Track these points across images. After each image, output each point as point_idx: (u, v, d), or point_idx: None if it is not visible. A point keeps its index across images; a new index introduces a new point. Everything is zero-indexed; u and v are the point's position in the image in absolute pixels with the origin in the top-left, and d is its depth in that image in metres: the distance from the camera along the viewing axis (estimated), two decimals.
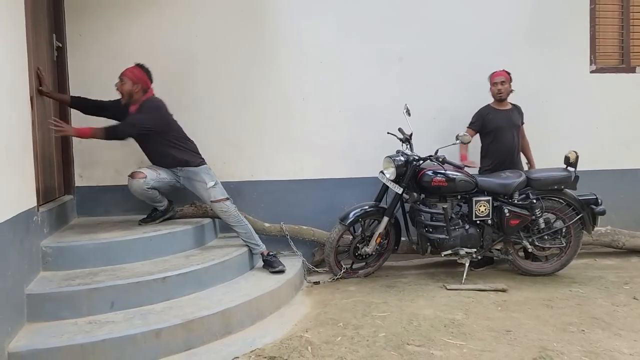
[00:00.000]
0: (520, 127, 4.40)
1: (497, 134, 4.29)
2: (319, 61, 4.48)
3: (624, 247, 4.64)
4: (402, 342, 2.87)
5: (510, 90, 4.29)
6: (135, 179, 3.62)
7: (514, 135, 4.32)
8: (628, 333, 2.97)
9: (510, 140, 4.30)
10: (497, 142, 4.30)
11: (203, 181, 3.75)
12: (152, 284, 3.04)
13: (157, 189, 3.72)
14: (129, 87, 3.65)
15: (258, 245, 3.82)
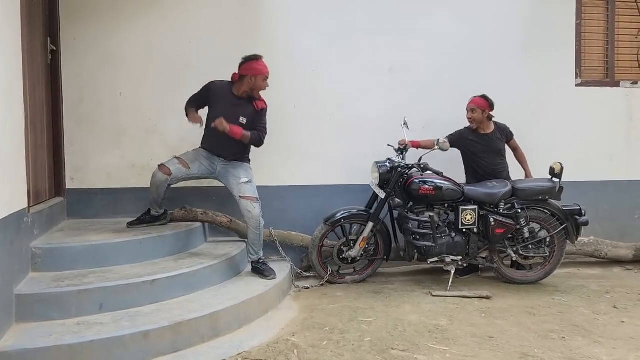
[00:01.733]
0: (501, 150, 4.39)
1: (475, 159, 4.34)
2: (311, 70, 4.55)
3: (607, 257, 4.73)
4: (387, 346, 2.93)
5: (483, 118, 4.25)
6: (160, 172, 3.75)
7: (493, 160, 4.32)
8: (607, 341, 3.04)
9: (487, 165, 4.31)
10: (475, 166, 4.35)
11: (238, 176, 3.78)
12: (141, 286, 3.07)
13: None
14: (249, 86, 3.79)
15: (257, 254, 3.81)
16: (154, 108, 4.33)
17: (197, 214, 4.12)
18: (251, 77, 3.72)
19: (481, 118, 4.24)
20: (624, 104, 5.05)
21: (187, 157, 3.85)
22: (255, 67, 3.73)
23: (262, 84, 3.78)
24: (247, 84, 3.74)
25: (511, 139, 4.42)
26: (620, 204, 5.06)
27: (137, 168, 4.31)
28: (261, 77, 3.75)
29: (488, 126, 4.33)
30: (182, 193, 4.21)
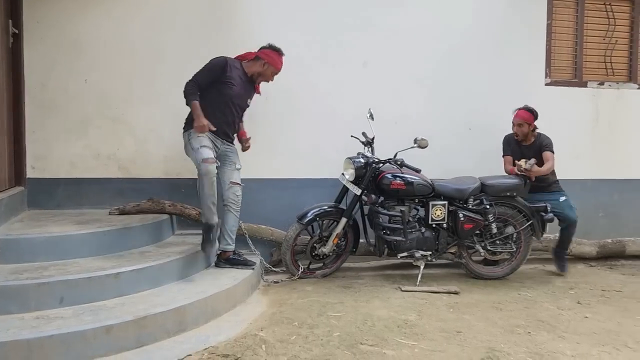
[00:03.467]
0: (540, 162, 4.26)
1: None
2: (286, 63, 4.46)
3: (571, 253, 4.83)
4: (356, 341, 2.91)
5: (527, 132, 4.32)
6: (212, 165, 3.48)
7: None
8: (571, 335, 3.10)
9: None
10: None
11: (234, 162, 3.82)
12: (104, 279, 2.98)
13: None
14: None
15: (234, 243, 3.86)
16: (121, 97, 4.20)
17: (164, 206, 4.02)
18: (266, 63, 3.74)
19: (527, 131, 4.32)
20: (591, 104, 5.16)
21: (205, 141, 3.57)
22: (274, 57, 3.76)
23: (270, 75, 3.80)
24: (259, 67, 3.74)
25: (543, 150, 4.30)
26: (585, 202, 5.14)
27: (103, 158, 4.19)
28: (272, 69, 3.77)
29: (530, 138, 4.40)
30: (149, 184, 4.12)
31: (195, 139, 3.54)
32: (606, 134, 5.20)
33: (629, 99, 5.21)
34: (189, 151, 3.60)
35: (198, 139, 3.54)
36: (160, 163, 4.21)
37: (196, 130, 3.48)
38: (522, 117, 4.29)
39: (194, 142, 3.54)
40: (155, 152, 4.25)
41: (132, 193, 4.14)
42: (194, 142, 3.54)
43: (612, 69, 5.24)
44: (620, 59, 5.27)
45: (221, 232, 3.83)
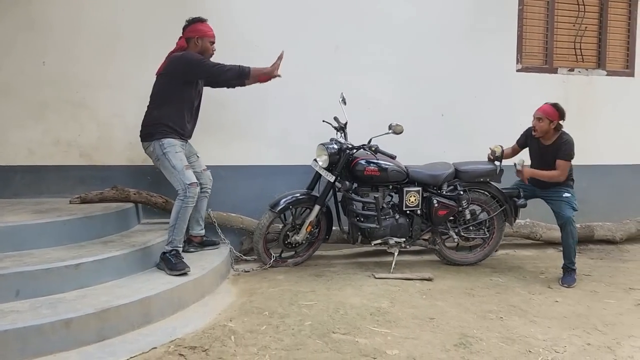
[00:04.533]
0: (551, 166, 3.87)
1: (532, 163, 4.04)
2: (255, 45, 4.35)
3: (541, 238, 4.88)
4: (328, 330, 2.85)
5: (549, 129, 3.81)
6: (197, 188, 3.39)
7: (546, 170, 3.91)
8: (542, 320, 3.11)
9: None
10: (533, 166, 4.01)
11: (195, 152, 3.77)
12: (63, 271, 2.84)
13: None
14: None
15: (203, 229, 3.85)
16: (81, 79, 4.01)
17: (129, 194, 3.87)
18: (197, 38, 3.48)
19: (547, 128, 3.81)
20: (561, 90, 5.18)
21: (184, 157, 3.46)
22: (200, 29, 3.50)
23: (209, 46, 3.54)
24: (194, 46, 3.49)
25: (558, 157, 3.82)
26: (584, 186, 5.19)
27: (63, 144, 3.99)
28: (207, 39, 3.52)
29: (551, 137, 3.88)
30: (113, 172, 3.95)
31: (174, 154, 3.37)
32: (575, 120, 5.19)
33: (598, 86, 5.25)
34: (166, 167, 3.40)
35: (177, 154, 3.38)
36: (124, 149, 4.04)
37: (275, 74, 3.53)
38: (543, 111, 3.81)
39: (172, 158, 3.36)
40: (119, 137, 4.08)
41: (94, 181, 3.97)
42: (173, 159, 3.36)
43: (582, 55, 5.27)
44: (589, 46, 5.30)
45: (193, 218, 3.76)
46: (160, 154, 3.38)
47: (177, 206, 3.34)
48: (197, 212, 3.79)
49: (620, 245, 5.06)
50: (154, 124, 3.40)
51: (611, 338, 2.87)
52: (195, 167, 3.66)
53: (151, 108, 3.47)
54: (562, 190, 3.89)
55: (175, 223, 3.33)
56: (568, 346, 2.75)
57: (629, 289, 3.73)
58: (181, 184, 3.34)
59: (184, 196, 3.33)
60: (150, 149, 3.43)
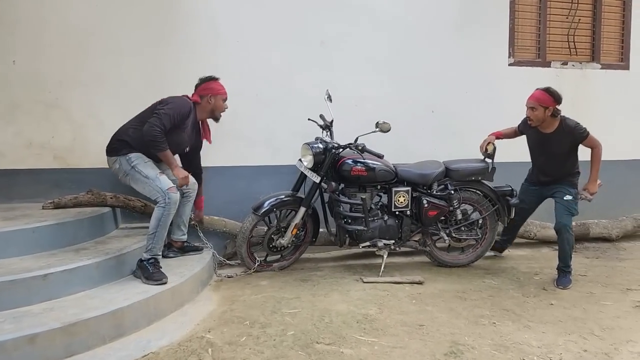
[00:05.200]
0: (562, 155, 3.66)
1: (532, 155, 3.87)
2: (235, 40, 4.19)
3: (535, 237, 4.75)
4: (312, 340, 2.70)
5: (545, 116, 3.56)
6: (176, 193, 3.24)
7: (551, 163, 3.71)
8: (537, 325, 2.97)
9: (542, 166, 3.79)
10: (533, 160, 3.90)
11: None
12: (30, 282, 2.67)
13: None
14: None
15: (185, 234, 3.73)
16: (54, 79, 3.84)
17: (105, 198, 3.70)
18: (210, 97, 3.49)
19: (542, 116, 3.55)
20: (554, 84, 4.93)
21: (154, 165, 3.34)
22: (213, 87, 3.51)
23: (221, 104, 3.55)
24: (207, 104, 3.48)
25: (581, 140, 3.61)
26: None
27: (36, 146, 3.82)
28: (220, 97, 3.52)
29: (551, 124, 3.61)
30: (89, 175, 3.78)
31: (143, 164, 3.25)
32: (570, 114, 5.01)
33: (592, 79, 5.12)
34: (138, 179, 3.25)
35: (146, 164, 3.26)
36: (100, 152, 3.79)
37: (180, 182, 3.33)
38: (535, 98, 3.55)
39: (143, 169, 3.23)
40: (95, 139, 3.89)
41: (70, 185, 3.80)
42: (144, 169, 3.23)
43: (576, 48, 5.14)
44: (583, 39, 5.17)
45: (175, 223, 3.63)
46: (129, 168, 3.24)
47: (157, 213, 3.18)
48: (179, 216, 3.65)
49: (617, 243, 4.95)
50: (124, 141, 3.27)
51: (609, 343, 2.73)
52: (171, 174, 3.49)
53: (130, 126, 3.33)
54: (565, 190, 3.68)
55: (156, 230, 3.17)
56: (564, 353, 2.62)
57: (626, 290, 3.60)
58: (159, 191, 3.18)
59: (164, 203, 3.17)
60: (116, 165, 3.29)
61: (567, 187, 3.69)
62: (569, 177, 3.72)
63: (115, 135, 3.33)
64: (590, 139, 3.59)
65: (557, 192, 3.71)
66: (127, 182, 3.33)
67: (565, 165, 3.70)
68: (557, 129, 3.60)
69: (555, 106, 3.57)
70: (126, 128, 3.33)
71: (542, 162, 3.77)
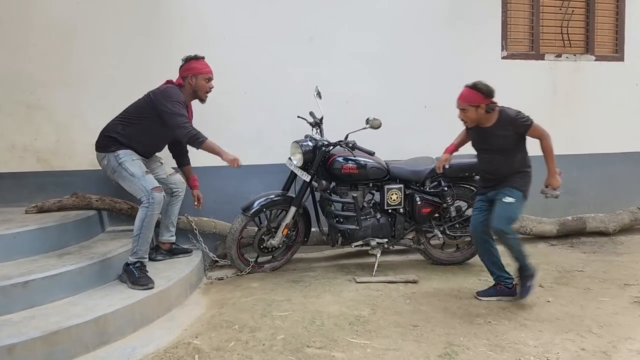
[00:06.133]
0: (506, 150, 3.21)
1: (477, 155, 3.45)
2: (222, 37, 4.09)
3: (532, 232, 4.69)
4: (302, 344, 2.62)
5: (479, 115, 3.14)
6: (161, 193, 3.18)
7: (492, 159, 3.28)
8: (533, 323, 2.91)
9: (485, 165, 3.36)
10: (479, 162, 3.45)
11: (157, 160, 3.63)
12: (9, 289, 2.59)
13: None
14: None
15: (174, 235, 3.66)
16: (36, 79, 3.74)
17: (91, 201, 3.61)
18: (191, 77, 3.35)
19: (475, 116, 3.15)
20: (548, 77, 4.98)
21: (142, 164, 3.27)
22: (194, 66, 3.36)
23: (204, 84, 3.38)
24: (189, 85, 3.35)
25: (525, 130, 3.16)
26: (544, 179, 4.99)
27: (18, 149, 3.73)
28: (202, 77, 3.36)
29: (489, 119, 3.19)
30: (75, 177, 3.70)
31: (130, 162, 3.17)
32: (564, 108, 5.04)
33: (586, 71, 5.05)
34: (124, 177, 3.17)
35: (134, 162, 3.19)
36: (85, 153, 3.75)
37: (231, 164, 3.23)
38: (463, 99, 3.15)
39: (130, 166, 3.16)
40: (80, 140, 3.81)
41: (54, 188, 3.71)
42: (131, 166, 3.16)
43: (569, 40, 5.06)
44: (577, 30, 5.09)
45: (163, 224, 3.59)
46: (116, 164, 3.16)
47: (141, 214, 3.11)
48: (168, 217, 3.59)
49: (614, 237, 4.89)
50: (113, 138, 3.19)
51: (607, 341, 2.67)
52: (160, 173, 3.43)
53: (119, 121, 3.25)
54: (507, 192, 3.20)
55: (140, 232, 3.09)
56: (561, 352, 2.55)
57: (624, 285, 3.54)
58: (143, 191, 3.11)
59: (148, 203, 3.09)
60: (105, 162, 3.22)
61: (511, 189, 3.21)
62: (517, 178, 3.24)
63: (104, 131, 3.25)
64: (536, 128, 3.16)
65: (500, 193, 3.24)
66: (115, 179, 3.26)
67: (511, 162, 3.23)
68: (496, 121, 3.19)
69: (487, 102, 3.13)
70: (115, 124, 3.25)
71: (486, 161, 3.34)
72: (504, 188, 3.23)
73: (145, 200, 3.10)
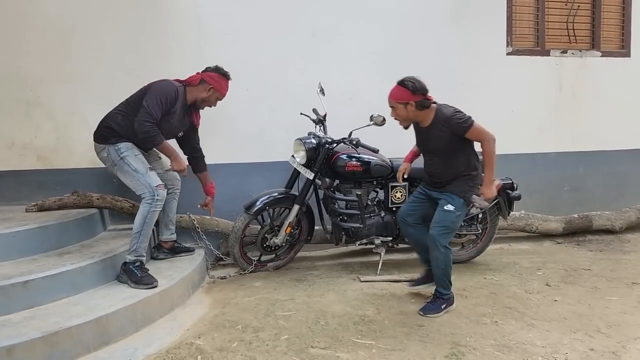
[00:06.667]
0: (444, 152, 2.97)
1: (421, 151, 3.27)
2: (223, 33, 4.04)
3: (537, 231, 4.63)
4: (306, 345, 2.58)
5: (410, 113, 2.94)
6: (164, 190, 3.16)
7: (431, 161, 3.08)
8: (541, 323, 2.86)
9: (427, 165, 3.14)
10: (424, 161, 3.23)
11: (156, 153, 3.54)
12: (9, 289, 2.55)
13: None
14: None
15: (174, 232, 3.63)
16: (35, 76, 3.69)
17: (92, 199, 3.56)
18: (211, 88, 3.32)
19: (406, 114, 2.95)
20: (554, 73, 4.92)
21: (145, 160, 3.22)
22: (220, 82, 3.35)
23: (214, 101, 3.40)
24: (203, 92, 3.31)
25: (463, 131, 2.89)
26: (549, 176, 4.97)
27: (18, 147, 3.69)
28: (217, 95, 3.37)
29: (427, 117, 2.99)
30: (75, 175, 3.66)
31: (133, 157, 3.12)
32: (570, 104, 4.98)
33: (592, 67, 4.99)
34: (126, 172, 3.12)
35: (136, 157, 3.13)
36: (86, 151, 3.70)
37: (175, 169, 3.21)
38: (392, 97, 2.96)
39: (133, 162, 3.10)
40: (80, 138, 3.76)
41: (54, 186, 3.67)
42: (134, 162, 3.11)
43: (575, 36, 4.99)
44: (583, 26, 5.02)
45: (162, 222, 3.54)
46: (117, 158, 3.11)
47: (143, 210, 3.06)
48: (166, 215, 3.54)
49: (620, 235, 4.84)
50: (112, 129, 3.13)
51: (616, 341, 2.62)
52: (157, 168, 3.37)
53: (119, 112, 3.19)
54: (448, 198, 2.98)
55: (142, 229, 3.05)
56: (569, 353, 2.51)
57: (631, 284, 3.49)
58: (147, 187, 3.06)
59: (151, 199, 3.05)
60: (104, 154, 3.16)
61: (452, 196, 2.99)
62: (459, 182, 3.00)
63: (103, 122, 3.19)
64: (475, 130, 2.87)
65: (441, 199, 3.04)
66: (114, 172, 3.20)
67: (451, 166, 2.99)
68: (432, 121, 2.96)
69: (418, 99, 2.91)
70: (114, 114, 3.18)
71: (427, 163, 3.13)
72: (445, 194, 3.02)
73: (148, 196, 3.06)
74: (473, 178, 3.03)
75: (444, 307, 3.00)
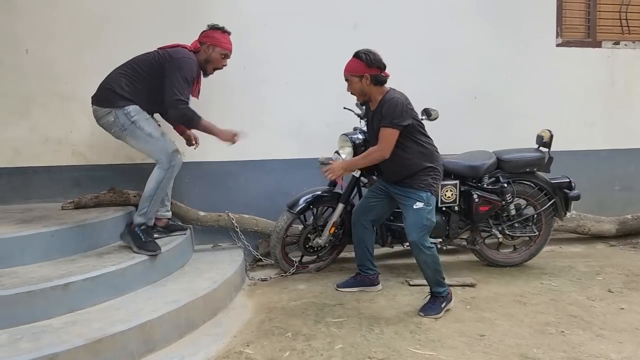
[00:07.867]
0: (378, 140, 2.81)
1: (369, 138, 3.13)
2: (263, 24, 3.87)
3: (589, 232, 4.39)
4: (363, 355, 2.40)
5: (364, 87, 2.82)
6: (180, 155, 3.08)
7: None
8: (611, 333, 2.64)
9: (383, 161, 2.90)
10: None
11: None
12: (49, 292, 2.41)
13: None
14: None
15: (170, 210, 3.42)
16: (69, 69, 3.57)
17: (129, 196, 3.43)
18: (209, 45, 3.12)
19: (361, 87, 2.81)
20: (606, 66, 4.65)
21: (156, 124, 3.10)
22: (216, 37, 3.13)
23: (219, 59, 3.15)
24: (203, 53, 3.11)
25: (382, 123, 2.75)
26: (600, 175, 4.71)
27: (52, 142, 3.57)
28: (219, 50, 3.12)
29: (376, 97, 2.86)
30: (110, 172, 3.52)
31: (144, 121, 2.96)
32: (622, 99, 4.71)
33: None
34: (139, 137, 2.96)
35: (147, 120, 2.98)
36: (122, 147, 3.53)
37: (228, 139, 3.04)
38: (347, 70, 2.85)
39: (145, 126, 2.95)
40: None
41: (90, 183, 3.54)
42: (146, 126, 2.96)
43: (628, 27, 4.72)
44: (637, 16, 4.74)
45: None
46: (128, 123, 2.93)
47: (158, 175, 2.95)
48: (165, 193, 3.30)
49: None
50: (117, 93, 2.93)
51: None
52: None
53: (123, 74, 2.98)
54: (413, 196, 2.83)
55: (154, 194, 2.96)
56: None
57: None
58: (164, 152, 2.95)
59: (168, 165, 2.95)
60: (110, 118, 2.95)
61: (416, 192, 2.84)
62: (417, 177, 2.85)
63: (105, 84, 2.98)
64: (385, 133, 2.71)
65: (404, 198, 2.88)
66: (122, 137, 3.01)
67: (400, 158, 2.82)
68: (378, 104, 2.80)
69: (374, 72, 2.77)
70: (117, 77, 2.97)
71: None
72: (408, 191, 2.86)
73: (165, 161, 2.94)
74: (432, 170, 2.88)
75: (443, 306, 2.89)
